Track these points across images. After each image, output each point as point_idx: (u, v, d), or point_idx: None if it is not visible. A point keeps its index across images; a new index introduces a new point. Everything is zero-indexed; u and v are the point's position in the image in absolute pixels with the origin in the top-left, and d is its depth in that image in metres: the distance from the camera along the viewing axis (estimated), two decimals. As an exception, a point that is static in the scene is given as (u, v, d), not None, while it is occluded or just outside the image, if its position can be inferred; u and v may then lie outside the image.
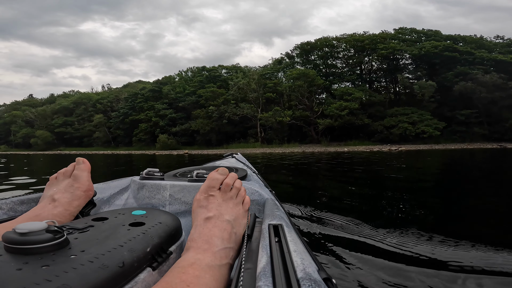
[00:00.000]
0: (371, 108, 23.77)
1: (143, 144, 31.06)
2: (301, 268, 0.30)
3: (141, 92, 34.27)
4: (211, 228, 0.44)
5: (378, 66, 29.28)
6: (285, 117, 23.20)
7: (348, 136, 23.41)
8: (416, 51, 26.11)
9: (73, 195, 0.59)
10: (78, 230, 0.39)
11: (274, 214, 0.52)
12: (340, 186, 3.25)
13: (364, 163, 6.50)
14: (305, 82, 23.90)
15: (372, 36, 29.35)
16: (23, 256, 0.29)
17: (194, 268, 0.36)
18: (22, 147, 41.54)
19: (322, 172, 5.02)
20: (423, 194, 2.78)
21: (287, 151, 17.66)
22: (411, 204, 2.25)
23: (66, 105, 41.80)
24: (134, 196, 0.81)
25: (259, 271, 0.31)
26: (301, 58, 31.02)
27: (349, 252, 1.15)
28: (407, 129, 21.56)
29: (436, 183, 3.66)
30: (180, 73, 36.98)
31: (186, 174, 1.02)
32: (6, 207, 0.63)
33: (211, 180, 0.52)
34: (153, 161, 10.79)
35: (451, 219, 1.71)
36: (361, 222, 1.56)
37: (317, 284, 0.27)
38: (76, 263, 0.30)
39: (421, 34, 31.11)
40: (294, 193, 2.90)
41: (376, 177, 4.07)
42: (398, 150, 15.13)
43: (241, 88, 26.85)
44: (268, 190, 0.85)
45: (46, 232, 0.31)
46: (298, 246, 0.38)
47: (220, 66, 34.25)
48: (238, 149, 21.85)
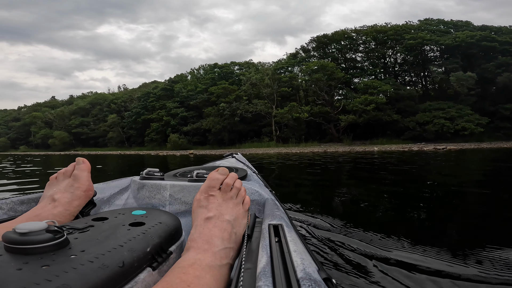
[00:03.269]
0: (399, 103, 20.35)
1: (155, 144, 29.08)
2: (301, 268, 0.30)
3: (153, 91, 32.37)
4: (211, 228, 0.43)
5: (403, 58, 25.77)
6: (302, 113, 20.16)
7: (373, 134, 20.10)
8: (449, 41, 22.57)
9: (73, 195, 0.57)
10: (78, 230, 0.38)
11: (274, 214, 0.50)
12: (397, 199, 2.18)
13: (414, 166, 4.88)
14: (324, 75, 20.82)
15: (396, 27, 25.93)
16: (23, 256, 0.29)
17: (194, 268, 0.35)
18: (41, 147, 40.84)
19: (360, 176, 3.84)
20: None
21: (305, 151, 14.82)
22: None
23: (83, 105, 40.78)
24: (134, 196, 0.78)
25: (259, 271, 0.30)
26: (317, 51, 27.85)
27: (350, 252, 1.08)
28: (444, 126, 18.09)
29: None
30: (192, 71, 34.70)
31: (186, 174, 0.99)
32: (6, 207, 0.61)
33: (211, 180, 0.50)
34: (141, 164, 8.35)
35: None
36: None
37: (317, 284, 0.27)
38: (76, 263, 0.29)
39: (449, 25, 27.42)
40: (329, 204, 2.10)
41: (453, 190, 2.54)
42: (445, 149, 11.87)
43: (254, 84, 24.09)
44: (268, 190, 0.82)
45: (46, 232, 0.31)
46: (298, 246, 0.37)
47: (233, 62, 31.64)
48: (251, 149, 19.17)
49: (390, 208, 1.90)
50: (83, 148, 36.76)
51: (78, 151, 33.27)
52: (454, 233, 1.38)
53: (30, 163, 8.69)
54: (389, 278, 0.87)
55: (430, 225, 1.50)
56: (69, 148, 37.47)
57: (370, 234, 1.26)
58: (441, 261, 0.97)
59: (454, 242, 1.22)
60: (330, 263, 0.98)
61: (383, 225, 1.48)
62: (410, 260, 0.98)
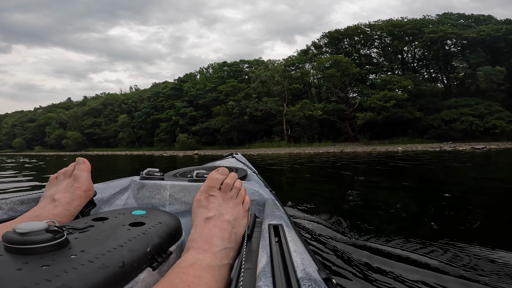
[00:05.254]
0: (421, 99, 18.44)
1: (164, 144, 28.10)
2: (301, 268, 0.29)
3: (162, 90, 31.43)
4: (211, 228, 0.42)
5: (423, 53, 23.75)
6: (315, 111, 18.56)
7: (392, 133, 18.29)
8: (474, 35, 20.50)
9: (74, 195, 0.56)
10: (78, 230, 0.37)
11: (274, 214, 0.49)
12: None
13: (461, 171, 3.85)
14: (338, 71, 19.16)
15: (414, 21, 23.95)
16: (23, 256, 0.28)
17: (194, 268, 0.34)
18: (56, 148, 40.73)
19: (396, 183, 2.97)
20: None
21: (320, 151, 13.30)
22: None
23: (95, 106, 40.42)
24: (134, 196, 0.77)
25: (259, 271, 0.29)
26: (330, 47, 26.10)
27: (350, 252, 1.05)
28: (472, 123, 16.14)
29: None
30: (201, 70, 33.57)
31: (186, 174, 0.98)
32: (6, 207, 0.60)
33: (211, 180, 0.49)
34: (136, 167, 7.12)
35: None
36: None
37: (317, 284, 0.26)
38: (76, 263, 0.29)
39: (470, 19, 25.19)
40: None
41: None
42: (485, 149, 10.11)
43: (263, 81, 22.62)
44: (268, 190, 0.81)
45: (46, 232, 0.30)
46: (298, 246, 0.36)
47: (242, 60, 30.27)
48: (261, 149, 17.73)
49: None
50: (95, 149, 36.28)
51: (89, 152, 32.74)
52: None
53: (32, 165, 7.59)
54: (390, 278, 0.85)
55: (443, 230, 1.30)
56: (82, 149, 37.11)
57: (371, 235, 1.20)
58: (444, 263, 0.92)
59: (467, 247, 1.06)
60: (330, 263, 0.97)
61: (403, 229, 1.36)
62: (411, 262, 0.95)
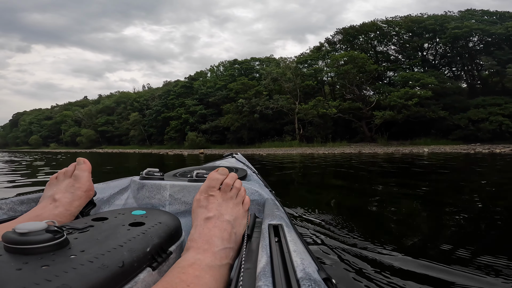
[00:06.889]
0: (445, 98, 16.84)
1: (174, 142, 27.47)
2: (301, 268, 0.29)
3: (173, 88, 30.82)
4: (211, 228, 0.42)
5: (445, 50, 22.01)
6: (330, 109, 17.27)
7: (413, 133, 16.77)
8: (502, 31, 18.71)
9: (74, 195, 0.56)
10: (78, 230, 0.37)
11: (274, 214, 0.49)
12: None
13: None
14: (354, 67, 17.79)
15: (435, 17, 22.24)
16: (23, 256, 0.28)
17: (194, 268, 0.34)
18: (71, 145, 41.01)
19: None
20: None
21: (335, 152, 12.08)
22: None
23: (108, 104, 40.41)
24: (134, 196, 0.76)
25: (259, 271, 0.29)
26: (344, 44, 24.66)
27: (350, 253, 1.04)
28: (502, 123, 14.49)
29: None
30: (212, 68, 32.76)
31: (186, 174, 0.97)
32: (6, 207, 0.59)
33: (211, 180, 0.49)
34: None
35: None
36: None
37: (317, 284, 0.26)
38: (76, 263, 0.28)
39: (494, 16, 23.21)
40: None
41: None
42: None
43: (275, 78, 21.47)
44: (268, 190, 0.80)
45: (46, 232, 0.30)
46: (298, 246, 0.36)
47: (253, 58, 29.22)
48: (271, 149, 16.60)
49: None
50: (108, 146, 36.15)
51: (102, 149, 32.55)
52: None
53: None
54: (390, 278, 0.84)
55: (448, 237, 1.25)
56: (95, 146, 37.10)
57: (372, 236, 1.19)
58: (444, 269, 0.90)
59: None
60: (330, 263, 0.96)
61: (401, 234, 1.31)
62: (413, 263, 0.94)
